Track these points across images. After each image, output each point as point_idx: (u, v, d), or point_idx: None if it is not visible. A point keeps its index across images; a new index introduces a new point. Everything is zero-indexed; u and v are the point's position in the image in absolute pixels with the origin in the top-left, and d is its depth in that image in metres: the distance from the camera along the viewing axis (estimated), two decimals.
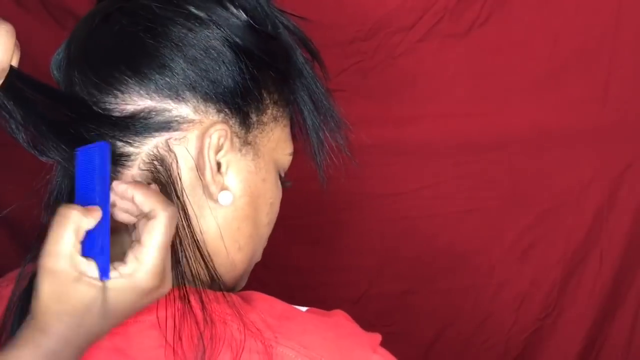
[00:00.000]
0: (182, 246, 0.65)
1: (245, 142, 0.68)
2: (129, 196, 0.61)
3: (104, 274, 0.57)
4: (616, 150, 1.41)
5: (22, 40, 0.62)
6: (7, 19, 0.60)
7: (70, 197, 0.67)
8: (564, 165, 1.42)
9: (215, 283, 0.67)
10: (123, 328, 0.61)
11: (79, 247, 0.58)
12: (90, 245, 0.58)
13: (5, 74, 0.59)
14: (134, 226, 0.62)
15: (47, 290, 0.57)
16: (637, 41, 1.38)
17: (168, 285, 0.60)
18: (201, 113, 0.66)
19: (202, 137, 0.65)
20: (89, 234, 0.58)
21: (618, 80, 1.39)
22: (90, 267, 0.57)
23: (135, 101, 0.65)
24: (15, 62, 0.60)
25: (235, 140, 0.68)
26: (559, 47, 1.39)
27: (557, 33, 1.38)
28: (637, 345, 1.43)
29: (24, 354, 0.57)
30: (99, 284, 0.57)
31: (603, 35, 1.37)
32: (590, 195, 1.42)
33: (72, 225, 0.57)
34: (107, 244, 0.58)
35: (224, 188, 0.67)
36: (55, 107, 0.64)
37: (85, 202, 0.60)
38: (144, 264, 0.58)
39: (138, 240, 0.59)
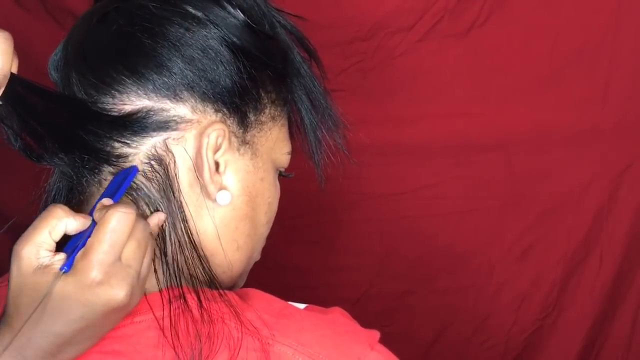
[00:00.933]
0: (180, 246, 0.65)
1: (244, 142, 0.69)
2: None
3: (65, 265, 0.58)
4: (616, 150, 1.41)
5: (22, 40, 0.63)
6: (7, 19, 0.61)
7: (67, 197, 0.68)
8: (564, 165, 1.42)
9: (212, 283, 0.67)
10: (119, 329, 0.62)
11: (50, 242, 0.59)
12: (70, 244, 0.59)
13: (6, 80, 0.60)
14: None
15: (14, 280, 0.58)
16: (637, 41, 1.38)
17: (123, 292, 0.58)
18: (199, 113, 0.66)
19: (200, 137, 0.66)
20: (76, 236, 0.60)
21: (618, 80, 1.39)
22: (52, 259, 0.58)
23: (132, 101, 0.65)
24: (14, 69, 0.61)
25: (233, 139, 0.68)
26: (559, 47, 1.39)
27: (557, 33, 1.38)
28: (637, 344, 1.43)
29: None
30: (52, 272, 0.57)
31: (603, 35, 1.37)
32: (590, 195, 1.42)
33: (53, 220, 0.59)
34: (82, 245, 0.59)
35: (222, 187, 0.67)
36: (54, 110, 0.64)
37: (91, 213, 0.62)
38: (86, 253, 0.58)
39: None
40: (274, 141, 0.71)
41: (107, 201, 0.61)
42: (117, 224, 0.58)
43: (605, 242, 1.42)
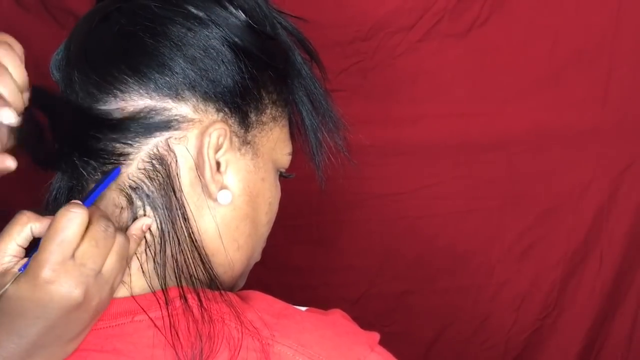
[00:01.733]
0: (180, 245, 0.65)
1: (245, 142, 0.69)
2: None
3: (23, 266, 0.58)
4: (616, 150, 1.41)
5: (22, 41, 0.63)
6: (7, 19, 0.61)
7: (69, 197, 0.68)
8: (564, 165, 1.42)
9: (213, 283, 0.67)
10: (119, 327, 0.62)
11: (15, 248, 0.59)
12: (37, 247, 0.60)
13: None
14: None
15: None
16: (637, 41, 1.38)
17: (76, 290, 0.58)
18: (201, 112, 0.66)
19: (201, 136, 0.66)
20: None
21: (618, 80, 1.39)
22: (14, 264, 0.59)
23: (134, 100, 0.65)
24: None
25: (235, 139, 0.68)
26: (559, 47, 1.39)
27: (557, 33, 1.38)
28: (637, 345, 1.43)
29: None
30: (11, 274, 0.58)
31: (603, 35, 1.37)
32: (590, 195, 1.42)
33: (17, 227, 0.60)
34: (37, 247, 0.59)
35: (223, 187, 0.67)
36: (58, 118, 0.65)
37: None
38: (37, 253, 0.58)
39: None
40: (274, 142, 0.71)
41: (73, 203, 0.61)
42: (64, 223, 0.58)
43: (605, 242, 1.42)
